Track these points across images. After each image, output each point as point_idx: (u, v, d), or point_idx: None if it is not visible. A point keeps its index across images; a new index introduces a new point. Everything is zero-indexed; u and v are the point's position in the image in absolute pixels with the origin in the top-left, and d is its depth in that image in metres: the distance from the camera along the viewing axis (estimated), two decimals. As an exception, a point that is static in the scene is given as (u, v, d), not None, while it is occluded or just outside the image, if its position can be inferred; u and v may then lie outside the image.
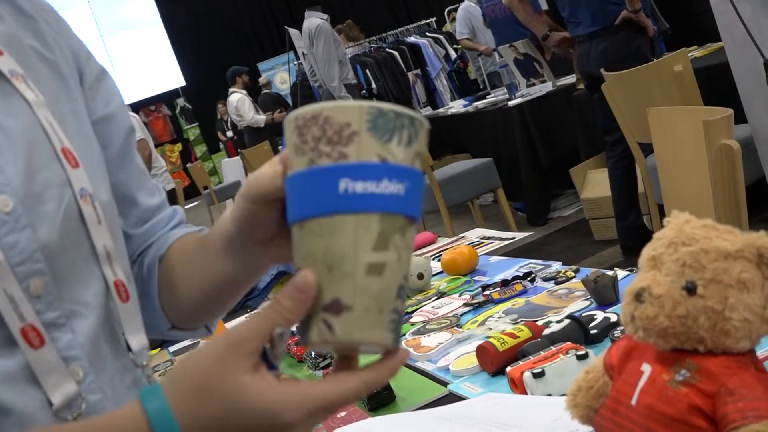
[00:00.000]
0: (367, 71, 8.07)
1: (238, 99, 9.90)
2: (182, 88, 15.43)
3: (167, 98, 15.55)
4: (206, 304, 0.89)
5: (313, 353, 1.50)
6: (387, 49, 8.49)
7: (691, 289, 0.68)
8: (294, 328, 0.63)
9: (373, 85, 8.02)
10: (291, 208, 0.64)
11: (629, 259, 3.89)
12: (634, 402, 0.72)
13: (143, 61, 14.95)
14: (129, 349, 0.84)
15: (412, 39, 8.80)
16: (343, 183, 0.60)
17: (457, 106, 6.58)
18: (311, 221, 0.61)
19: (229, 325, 1.72)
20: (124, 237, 0.91)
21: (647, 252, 0.73)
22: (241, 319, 1.86)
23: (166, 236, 0.95)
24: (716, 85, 3.46)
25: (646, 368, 0.72)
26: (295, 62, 9.14)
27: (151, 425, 0.61)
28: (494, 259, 1.92)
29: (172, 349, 2.12)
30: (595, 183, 4.55)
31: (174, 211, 0.98)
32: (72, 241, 0.79)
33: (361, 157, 0.61)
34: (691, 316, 0.68)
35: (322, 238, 0.61)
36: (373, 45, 8.66)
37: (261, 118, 9.87)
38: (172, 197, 6.39)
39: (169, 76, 15.26)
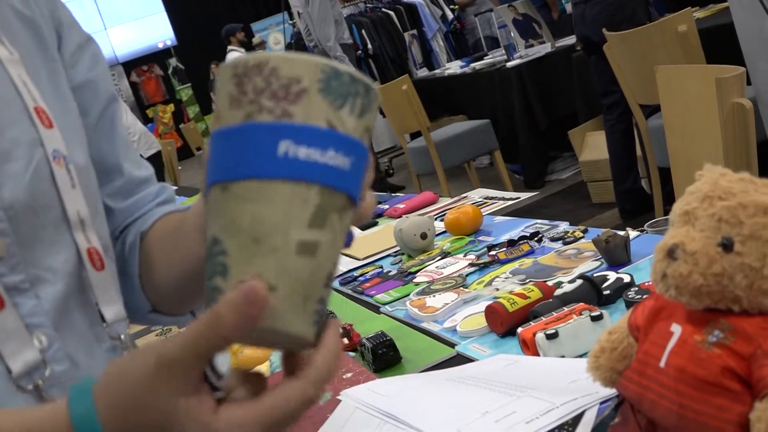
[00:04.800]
0: (363, 31, 7.97)
1: (236, 57, 9.77)
2: (174, 47, 15.27)
3: (159, 58, 15.39)
4: (187, 287, 0.85)
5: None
6: (383, 9, 8.38)
7: (727, 246, 0.65)
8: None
9: (369, 46, 7.92)
10: (214, 167, 0.55)
11: (628, 223, 3.87)
12: (662, 364, 0.69)
13: (135, 21, 14.77)
14: (103, 320, 0.80)
15: (408, -1, 8.69)
16: (283, 145, 0.52)
17: (454, 67, 6.52)
18: (240, 184, 0.53)
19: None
20: (107, 211, 0.87)
21: (680, 207, 0.69)
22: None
23: (151, 212, 0.90)
24: (720, 46, 3.41)
25: (676, 329, 0.69)
26: (290, 22, 9.03)
27: (74, 428, 0.53)
28: (499, 219, 1.89)
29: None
30: (593, 145, 4.52)
31: (162, 188, 0.94)
32: (41, 203, 0.75)
33: (308, 119, 0.53)
34: (727, 274, 0.65)
35: (251, 204, 0.53)
36: (368, 5, 8.54)
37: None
38: (157, 162, 6.25)
39: (160, 35, 15.10)
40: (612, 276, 1.22)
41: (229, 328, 0.50)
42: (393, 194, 2.61)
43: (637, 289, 1.14)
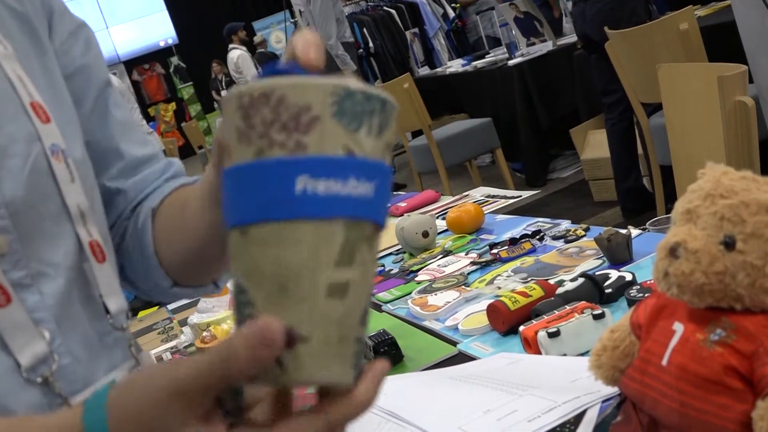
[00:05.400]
0: (364, 30, 7.97)
1: (238, 55, 9.73)
2: (176, 46, 15.27)
3: (161, 57, 15.39)
4: (205, 257, 0.84)
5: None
6: (384, 7, 8.37)
7: (729, 244, 0.65)
8: None
9: (371, 44, 7.92)
10: (230, 209, 0.51)
11: (630, 221, 3.86)
12: (664, 362, 0.69)
13: (136, 19, 14.78)
14: (107, 311, 0.80)
15: (409, -3, 8.69)
16: (301, 181, 0.48)
17: (456, 66, 6.51)
18: (258, 227, 0.49)
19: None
20: (115, 193, 0.88)
21: (681, 205, 0.69)
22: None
23: (160, 188, 0.90)
24: (722, 44, 3.40)
25: (678, 327, 0.69)
26: (291, 21, 9.02)
27: None
28: (500, 217, 1.88)
29: (171, 307, 2.09)
30: (595, 144, 4.51)
31: (169, 163, 0.93)
32: (40, 198, 0.75)
33: (323, 149, 0.49)
34: (729, 272, 0.65)
35: (273, 249, 0.49)
36: (370, 3, 8.54)
37: (261, 76, 9.74)
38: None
39: (162, 34, 15.10)
40: (614, 274, 1.22)
41: (242, 365, 0.49)
42: (395, 192, 2.61)
43: (639, 287, 1.14)
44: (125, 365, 0.81)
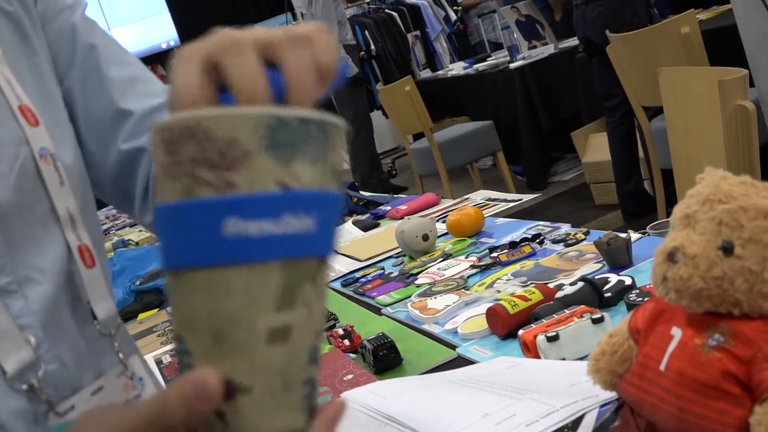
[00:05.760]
0: (366, 32, 7.97)
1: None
2: (178, 48, 15.28)
3: (162, 59, 15.42)
4: None
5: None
6: (386, 10, 8.37)
7: (727, 249, 0.65)
8: None
9: (372, 47, 7.92)
10: (162, 249, 0.47)
11: (631, 224, 3.86)
12: (662, 367, 0.69)
13: (138, 21, 14.80)
14: (94, 317, 0.79)
15: (411, 0, 8.69)
16: (230, 224, 0.44)
17: (458, 69, 6.51)
18: (189, 273, 0.46)
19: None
20: (135, 154, 0.85)
21: (680, 210, 0.69)
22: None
23: None
24: (723, 47, 3.40)
25: (677, 332, 0.69)
26: (293, 23, 9.03)
27: None
28: (501, 220, 1.88)
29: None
30: (597, 147, 4.52)
31: None
32: (28, 202, 0.74)
33: (254, 187, 0.45)
34: (728, 277, 0.64)
35: (205, 296, 0.45)
36: (372, 6, 8.54)
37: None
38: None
39: (163, 36, 15.12)
40: (613, 278, 1.22)
41: (177, 418, 0.46)
42: (396, 195, 2.61)
43: (638, 291, 1.14)
44: (113, 371, 0.80)
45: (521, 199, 2.05)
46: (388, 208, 2.33)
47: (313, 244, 0.47)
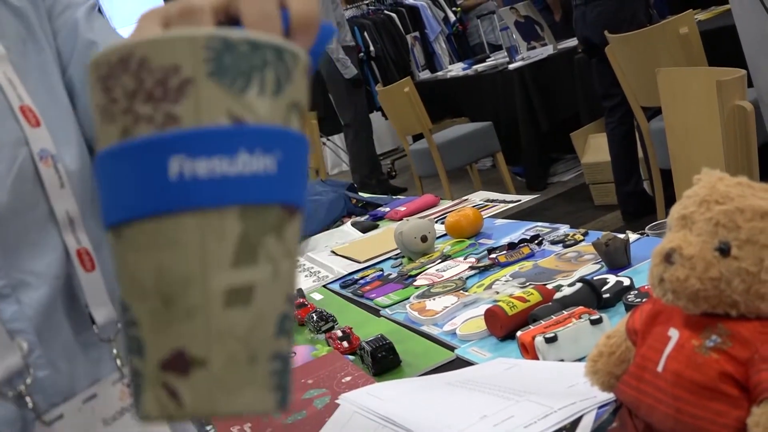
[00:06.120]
0: (365, 34, 7.97)
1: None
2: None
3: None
4: None
5: (315, 316, 1.46)
6: (385, 11, 8.38)
7: (724, 250, 0.65)
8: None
9: (371, 48, 7.92)
10: (102, 205, 0.42)
11: (630, 225, 3.86)
12: (660, 368, 0.69)
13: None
14: (93, 322, 0.78)
15: (410, 1, 8.68)
16: (175, 163, 0.39)
17: (457, 70, 6.51)
18: (132, 227, 0.40)
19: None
20: None
21: (677, 211, 0.69)
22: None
23: None
24: (721, 48, 3.40)
25: (674, 333, 0.69)
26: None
27: None
28: (499, 221, 1.88)
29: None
30: (596, 147, 4.52)
31: None
32: (26, 204, 0.73)
33: (201, 120, 0.39)
34: (725, 278, 0.64)
35: (151, 253, 0.40)
36: (371, 7, 8.54)
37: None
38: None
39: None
40: (612, 279, 1.22)
41: None
42: (394, 197, 2.61)
43: (636, 292, 1.14)
44: (110, 378, 0.79)
45: (520, 200, 2.05)
46: (387, 209, 2.33)
47: (275, 189, 0.41)
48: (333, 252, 2.03)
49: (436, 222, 1.96)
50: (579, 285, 1.18)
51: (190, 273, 0.39)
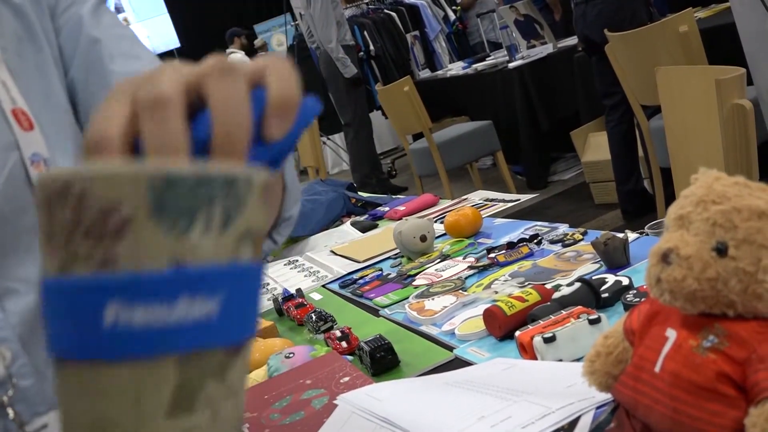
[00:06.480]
0: (365, 33, 7.97)
1: (237, 59, 9.76)
2: (177, 49, 15.28)
3: (163, 60, 15.41)
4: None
5: (314, 316, 1.46)
6: (385, 10, 8.38)
7: (721, 250, 0.64)
8: None
9: (371, 47, 7.92)
10: (46, 333, 0.39)
11: (630, 224, 3.86)
12: (657, 369, 0.68)
13: (138, 23, 14.80)
14: None
15: (410, 0, 8.69)
16: (111, 310, 0.36)
17: (456, 69, 6.51)
18: (69, 368, 0.38)
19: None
20: None
21: (674, 211, 0.69)
22: None
23: None
24: (721, 46, 3.40)
25: (671, 334, 0.69)
26: (292, 24, 9.03)
27: None
28: (498, 221, 1.88)
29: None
30: (596, 146, 4.52)
31: None
32: (15, 210, 0.72)
33: (140, 262, 0.36)
34: (722, 278, 0.64)
35: (86, 398, 0.38)
36: (371, 6, 8.54)
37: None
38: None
39: (164, 39, 15.12)
40: (610, 279, 1.22)
41: None
42: (394, 196, 2.61)
43: (635, 291, 1.14)
44: None
45: (519, 200, 2.04)
46: (386, 209, 2.33)
47: (217, 334, 0.38)
48: (332, 252, 2.03)
49: (435, 221, 1.96)
50: (578, 285, 1.18)
51: (123, 423, 0.37)
